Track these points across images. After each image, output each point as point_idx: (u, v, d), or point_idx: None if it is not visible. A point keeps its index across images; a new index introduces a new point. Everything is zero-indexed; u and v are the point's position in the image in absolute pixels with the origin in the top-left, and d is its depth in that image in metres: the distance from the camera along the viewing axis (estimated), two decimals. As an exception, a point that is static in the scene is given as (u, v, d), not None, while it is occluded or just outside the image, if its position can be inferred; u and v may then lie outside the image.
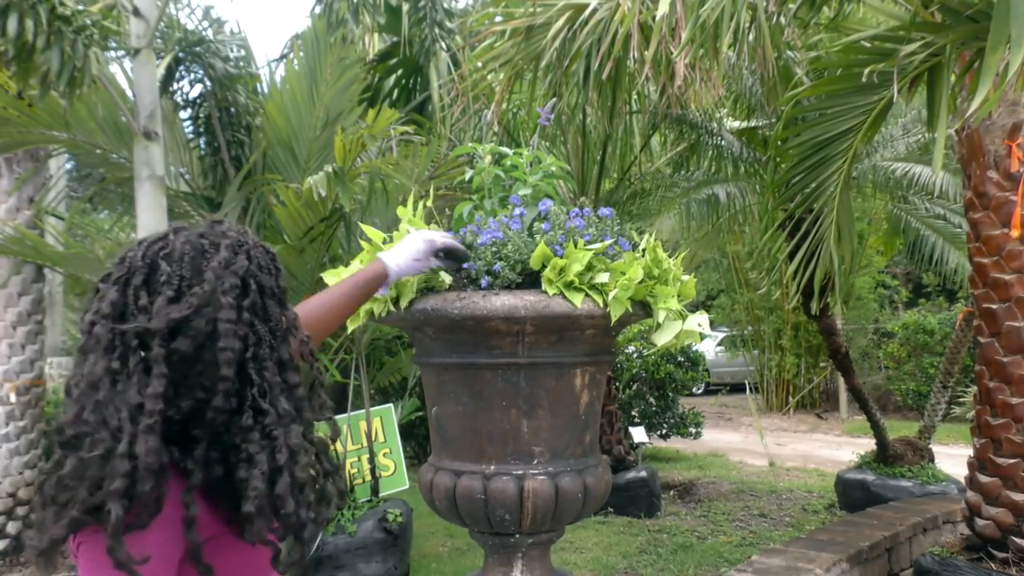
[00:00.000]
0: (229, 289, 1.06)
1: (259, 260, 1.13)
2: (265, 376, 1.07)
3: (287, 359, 1.11)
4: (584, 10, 3.86)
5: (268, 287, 1.12)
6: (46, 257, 5.01)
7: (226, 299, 1.05)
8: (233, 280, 1.07)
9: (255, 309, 1.09)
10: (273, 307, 1.12)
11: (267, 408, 1.05)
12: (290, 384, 1.10)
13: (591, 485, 2.10)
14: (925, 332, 10.99)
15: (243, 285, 1.09)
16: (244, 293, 1.08)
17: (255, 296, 1.09)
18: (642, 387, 8.67)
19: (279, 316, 1.12)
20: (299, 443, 1.06)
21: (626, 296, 1.94)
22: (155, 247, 1.10)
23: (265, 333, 1.09)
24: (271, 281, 1.13)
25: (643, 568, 4.89)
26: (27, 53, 3.52)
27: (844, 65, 3.61)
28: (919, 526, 4.60)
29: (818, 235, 4.07)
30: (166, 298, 1.04)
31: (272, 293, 1.12)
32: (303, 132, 5.11)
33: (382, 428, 5.03)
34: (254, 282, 1.10)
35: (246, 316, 1.07)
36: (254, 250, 1.14)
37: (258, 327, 1.08)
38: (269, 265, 1.15)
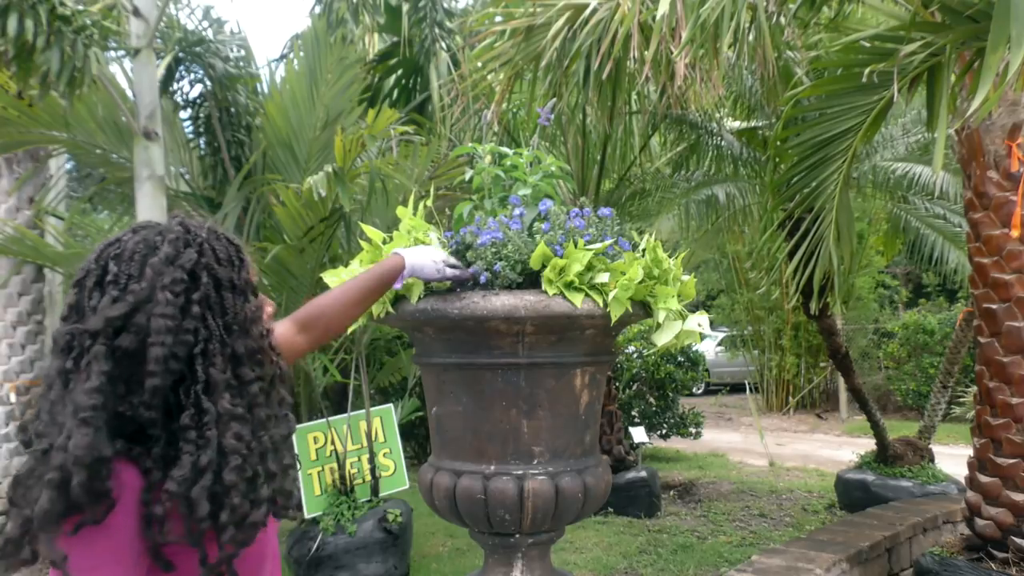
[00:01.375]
0: (169, 284, 1.05)
1: (216, 253, 1.12)
2: (211, 372, 1.05)
3: (243, 353, 1.09)
4: (584, 10, 3.86)
5: (225, 279, 1.11)
6: (46, 257, 5.01)
7: (164, 295, 1.04)
8: (177, 274, 1.06)
9: (207, 303, 1.08)
10: (231, 300, 1.10)
11: (207, 407, 1.04)
12: (242, 380, 1.08)
13: (591, 485, 2.10)
14: (925, 332, 10.99)
15: (191, 279, 1.08)
16: (193, 287, 1.07)
17: (207, 290, 1.08)
18: (642, 387, 8.67)
19: (237, 309, 1.10)
20: (235, 444, 1.03)
21: (626, 296, 1.94)
22: (109, 248, 1.11)
23: (216, 327, 1.07)
24: (228, 273, 1.11)
25: (643, 568, 4.89)
26: (27, 53, 3.52)
27: (844, 65, 3.61)
28: (919, 526, 4.60)
29: (818, 235, 4.07)
30: (110, 297, 1.04)
31: (231, 286, 1.11)
32: (303, 132, 5.11)
33: (382, 428, 5.03)
34: (207, 275, 1.09)
35: (196, 310, 1.06)
36: (210, 243, 1.13)
37: (209, 321, 1.07)
38: (230, 257, 1.13)
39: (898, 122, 6.67)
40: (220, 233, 1.17)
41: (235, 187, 5.10)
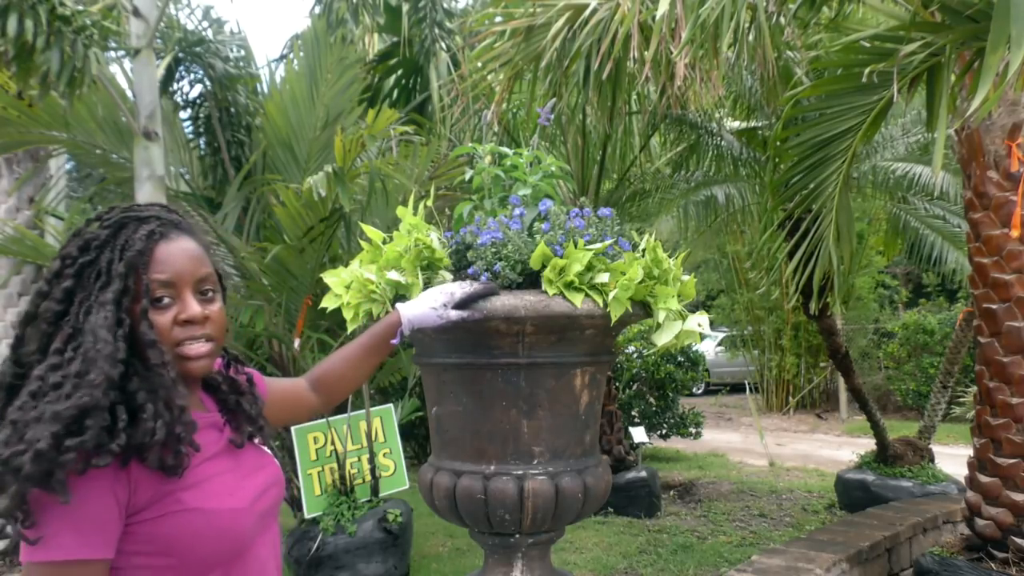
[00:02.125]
0: (63, 255, 1.16)
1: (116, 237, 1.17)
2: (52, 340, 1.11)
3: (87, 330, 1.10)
4: (584, 10, 3.87)
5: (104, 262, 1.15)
6: (46, 257, 5.01)
7: (55, 263, 1.16)
8: (70, 247, 1.16)
9: (79, 278, 1.14)
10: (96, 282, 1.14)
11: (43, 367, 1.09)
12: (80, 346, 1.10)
13: (591, 485, 2.10)
14: (925, 332, 11.00)
15: (80, 252, 1.15)
16: (75, 260, 1.15)
17: (81, 266, 1.15)
18: (642, 387, 8.67)
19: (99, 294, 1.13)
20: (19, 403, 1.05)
21: (626, 296, 1.94)
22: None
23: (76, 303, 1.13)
24: (109, 257, 1.15)
25: (643, 568, 4.89)
26: (27, 53, 3.52)
27: (844, 65, 3.61)
28: (919, 526, 4.60)
29: (817, 235, 4.07)
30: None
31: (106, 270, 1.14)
32: (303, 132, 5.11)
33: (382, 428, 5.03)
34: (94, 254, 1.16)
35: (67, 283, 1.13)
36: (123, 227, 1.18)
37: (77, 296, 1.13)
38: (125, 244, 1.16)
39: (898, 122, 6.68)
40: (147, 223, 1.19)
41: (235, 187, 5.10)
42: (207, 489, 1.15)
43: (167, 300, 1.18)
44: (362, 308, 2.03)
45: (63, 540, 1.02)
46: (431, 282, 2.02)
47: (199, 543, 1.12)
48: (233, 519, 1.16)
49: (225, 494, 1.17)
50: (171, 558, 1.10)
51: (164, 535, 1.09)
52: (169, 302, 1.18)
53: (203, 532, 1.12)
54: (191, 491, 1.12)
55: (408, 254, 1.99)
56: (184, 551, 1.11)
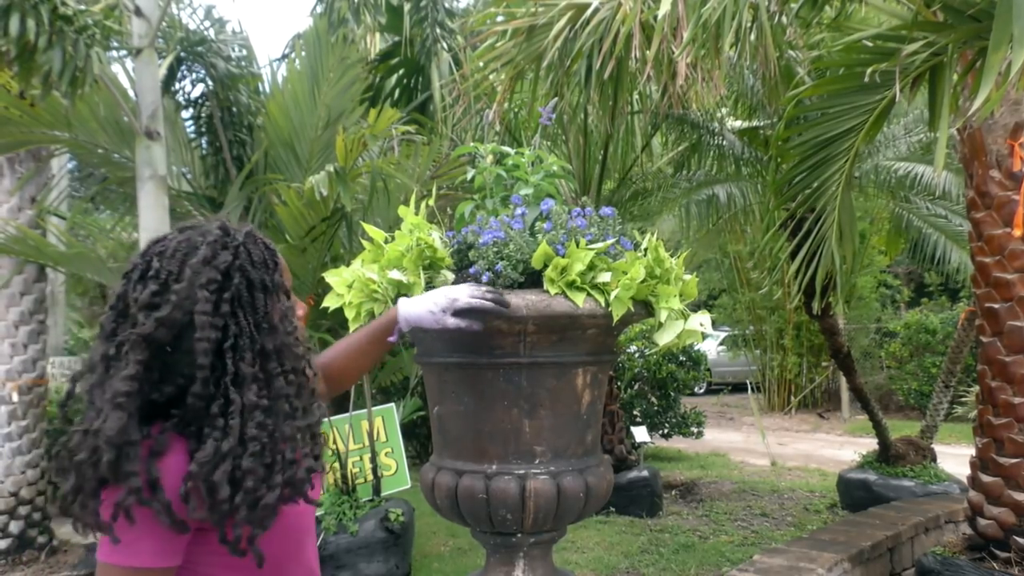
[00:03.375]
0: (207, 283, 1.13)
1: (251, 255, 1.19)
2: (240, 366, 1.12)
3: (271, 349, 1.15)
4: (586, 10, 3.86)
5: (256, 280, 1.17)
6: (48, 257, 5.02)
7: (202, 292, 1.12)
8: (212, 275, 1.14)
9: (238, 302, 1.15)
10: (261, 299, 1.17)
11: (234, 398, 1.10)
12: (269, 374, 1.14)
13: (593, 485, 2.10)
14: (927, 331, 10.99)
15: (224, 278, 1.14)
16: (224, 286, 1.14)
17: (238, 289, 1.15)
18: (644, 387, 8.67)
19: (266, 308, 1.17)
20: (256, 433, 1.10)
21: (628, 296, 1.94)
22: (155, 245, 1.19)
23: (247, 325, 1.14)
24: (259, 274, 1.18)
25: (645, 568, 4.89)
26: (29, 53, 3.53)
27: (846, 64, 3.61)
28: (921, 526, 4.60)
29: (820, 235, 4.07)
30: (149, 292, 1.12)
31: (262, 286, 1.18)
32: (305, 132, 5.11)
33: (384, 427, 5.03)
34: (239, 275, 1.16)
35: (225, 308, 1.13)
36: (246, 246, 1.20)
37: (240, 318, 1.14)
38: (265, 260, 1.21)
39: (900, 122, 6.67)
40: (257, 237, 1.24)
41: (237, 187, 5.10)
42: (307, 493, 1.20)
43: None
44: (364, 307, 2.03)
45: (144, 546, 1.08)
46: (433, 282, 2.02)
47: (267, 543, 1.15)
48: (296, 518, 1.22)
49: None
50: (238, 559, 1.14)
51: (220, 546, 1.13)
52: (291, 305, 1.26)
53: (271, 532, 1.16)
54: None
55: (410, 253, 1.99)
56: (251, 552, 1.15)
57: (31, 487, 5.03)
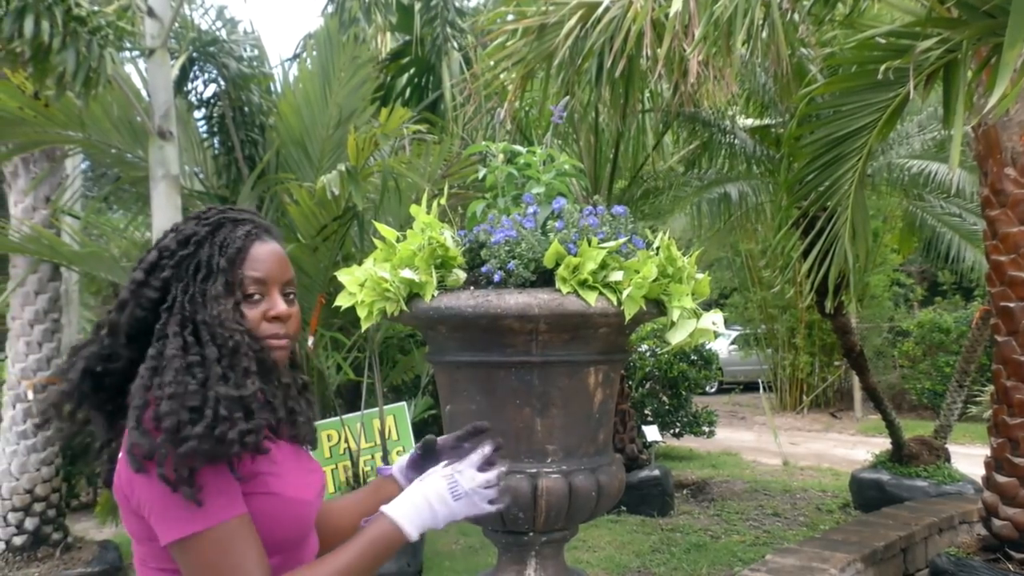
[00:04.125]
0: (160, 247, 1.25)
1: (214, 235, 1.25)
2: (167, 327, 1.18)
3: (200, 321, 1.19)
4: (596, 8, 3.86)
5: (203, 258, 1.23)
6: (62, 256, 5.05)
7: (151, 255, 1.24)
8: (168, 241, 1.25)
9: (181, 270, 1.23)
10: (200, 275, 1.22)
11: (150, 350, 1.17)
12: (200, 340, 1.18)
13: (605, 483, 2.10)
14: (941, 330, 10.92)
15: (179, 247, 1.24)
16: (173, 252, 1.23)
17: (183, 258, 1.23)
18: (655, 385, 8.65)
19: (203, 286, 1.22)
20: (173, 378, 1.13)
21: (640, 294, 1.94)
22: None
23: (179, 293, 1.21)
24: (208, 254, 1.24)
25: (656, 567, 4.88)
26: (43, 54, 3.55)
27: (859, 62, 3.59)
28: (935, 526, 4.57)
29: (832, 233, 4.05)
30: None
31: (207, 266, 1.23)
32: (316, 131, 5.13)
33: (395, 426, 5.04)
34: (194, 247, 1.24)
35: (165, 274, 1.22)
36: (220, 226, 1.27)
37: (177, 286, 1.21)
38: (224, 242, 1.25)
39: (913, 119, 6.63)
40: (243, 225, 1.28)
41: (249, 186, 5.12)
42: (286, 478, 1.22)
43: (257, 296, 1.26)
44: (376, 306, 2.04)
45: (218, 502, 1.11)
46: (444, 280, 2.02)
47: (275, 526, 1.18)
48: (304, 508, 1.24)
49: (298, 485, 1.24)
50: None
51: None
52: (259, 299, 1.26)
53: (280, 517, 1.19)
54: (274, 477, 1.19)
55: (422, 252, 1.99)
56: (261, 532, 1.16)
57: (46, 484, 5.07)
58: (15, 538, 4.92)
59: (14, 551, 4.91)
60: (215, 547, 1.10)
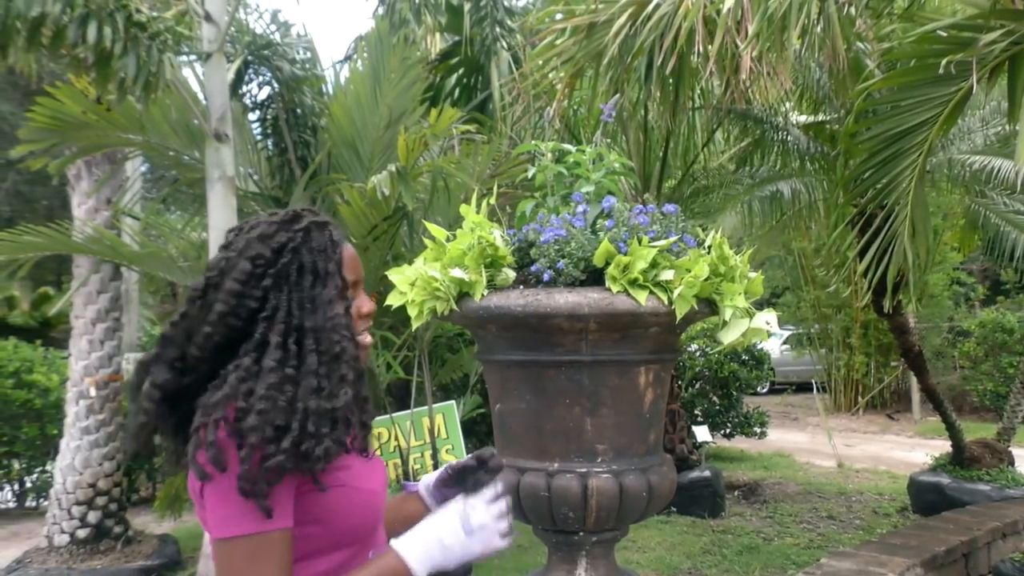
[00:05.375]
0: (252, 256, 1.21)
1: (309, 240, 1.25)
2: (269, 336, 1.17)
3: (308, 327, 1.20)
4: (647, 5, 3.83)
5: (307, 263, 1.23)
6: (123, 256, 5.19)
7: (244, 264, 1.20)
8: (261, 249, 1.21)
9: (284, 278, 1.21)
10: (308, 281, 1.22)
11: (246, 362, 1.16)
12: (303, 349, 1.19)
13: (656, 484, 2.08)
14: (1004, 331, 10.57)
15: (273, 254, 1.22)
16: (271, 262, 1.21)
17: (285, 267, 1.21)
18: (705, 385, 8.56)
19: (312, 291, 1.22)
20: (266, 393, 1.13)
21: (692, 293, 1.92)
22: (240, 223, 1.31)
23: (286, 300, 1.20)
24: (312, 259, 1.24)
25: (707, 569, 4.83)
26: (105, 59, 3.66)
27: (919, 56, 3.50)
28: (998, 531, 4.44)
29: (891, 231, 3.95)
30: (215, 258, 1.25)
31: (312, 270, 1.23)
32: (367, 132, 5.18)
33: (444, 424, 5.08)
34: (291, 256, 1.22)
35: (267, 282, 1.20)
36: (310, 231, 1.26)
37: (283, 293, 1.20)
38: (324, 248, 1.26)
39: (976, 114, 6.43)
40: (327, 227, 1.29)
41: (301, 187, 5.20)
42: (354, 471, 1.25)
43: (352, 298, 1.30)
44: (426, 305, 2.05)
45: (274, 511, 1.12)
46: (494, 280, 2.03)
47: (347, 517, 1.22)
48: (373, 498, 1.28)
49: (366, 477, 1.28)
50: (321, 527, 1.19)
51: (320, 506, 1.19)
52: (352, 300, 1.30)
53: (352, 507, 1.23)
54: (343, 471, 1.22)
55: (472, 252, 2.00)
56: (334, 521, 1.20)
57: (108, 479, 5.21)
58: (79, 531, 5.07)
59: (78, 544, 5.06)
60: (249, 553, 1.11)
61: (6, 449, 6.51)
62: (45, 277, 15.47)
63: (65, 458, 5.18)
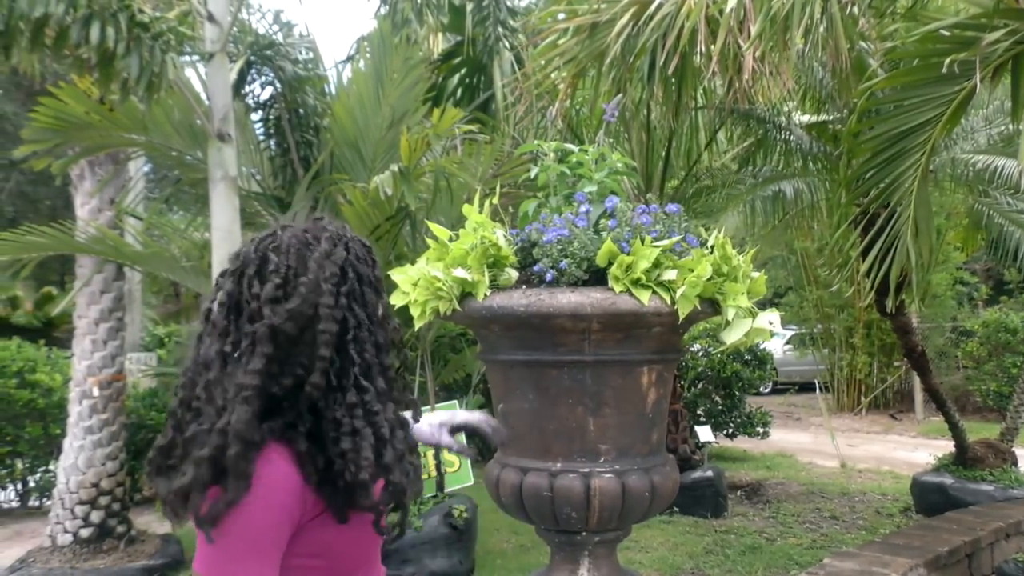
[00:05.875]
0: (329, 277, 1.16)
1: (356, 251, 1.22)
2: (365, 357, 1.15)
3: (383, 342, 1.19)
4: (649, 5, 3.83)
5: (365, 275, 1.21)
6: (126, 256, 5.19)
7: (326, 286, 1.15)
8: (333, 269, 1.16)
9: (353, 295, 1.18)
10: (370, 294, 1.20)
11: (367, 386, 1.14)
12: (385, 365, 1.18)
13: (658, 484, 2.08)
14: (1007, 331, 10.55)
15: (342, 273, 1.17)
16: (342, 280, 1.17)
17: (352, 283, 1.18)
18: (708, 385, 8.54)
19: (375, 302, 1.21)
20: (395, 418, 1.15)
21: (694, 293, 1.92)
22: (265, 242, 1.20)
23: (363, 317, 1.17)
24: (367, 270, 1.22)
25: (710, 569, 4.82)
26: (108, 59, 3.66)
27: (922, 55, 3.49)
28: (1002, 531, 4.43)
29: (894, 231, 3.95)
30: (273, 285, 1.14)
31: (368, 281, 1.21)
32: (369, 132, 5.18)
33: (447, 424, 5.07)
34: (352, 271, 1.19)
35: (343, 301, 1.16)
36: (352, 243, 1.23)
37: (356, 311, 1.17)
38: (366, 256, 1.24)
39: (979, 113, 6.41)
40: (355, 235, 1.27)
41: (304, 187, 5.20)
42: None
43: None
44: (429, 305, 2.05)
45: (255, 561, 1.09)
46: (497, 279, 2.03)
47: (357, 545, 1.21)
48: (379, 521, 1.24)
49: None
50: (324, 560, 1.17)
51: (323, 540, 1.15)
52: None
53: (361, 536, 1.20)
54: None
55: (475, 252, 2.00)
56: (338, 554, 1.18)
57: (111, 478, 5.21)
58: (82, 531, 5.08)
59: (81, 543, 5.06)
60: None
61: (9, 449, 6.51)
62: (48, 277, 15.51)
63: (68, 458, 5.19)
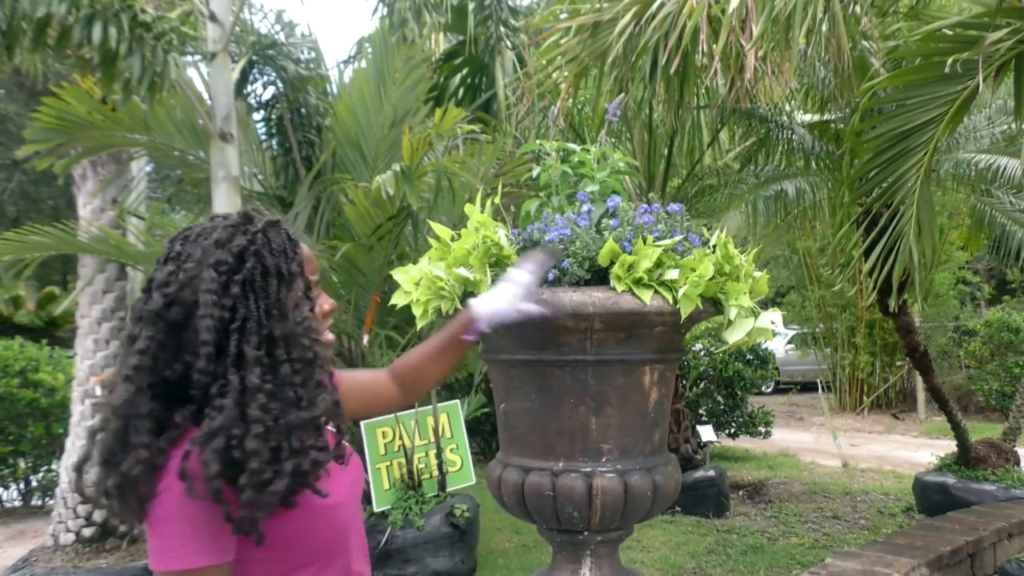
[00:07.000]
0: (216, 264, 1.14)
1: (269, 242, 1.20)
2: (244, 348, 1.12)
3: (279, 335, 1.15)
4: (651, 5, 3.83)
5: (272, 266, 1.18)
6: (129, 256, 5.20)
7: (209, 272, 1.13)
8: (223, 256, 1.15)
9: (250, 285, 1.15)
10: (274, 285, 1.17)
11: (232, 379, 1.10)
12: (275, 360, 1.14)
13: (660, 483, 2.08)
14: (1010, 330, 10.54)
15: (236, 260, 1.15)
16: (235, 268, 1.15)
17: (251, 273, 1.15)
18: (710, 385, 8.54)
19: (279, 295, 1.17)
20: (259, 415, 1.09)
21: (696, 292, 1.92)
22: (184, 231, 1.22)
23: (255, 309, 1.14)
24: (276, 262, 1.19)
25: (712, 568, 4.82)
26: (110, 59, 3.67)
27: (924, 54, 3.49)
28: (1004, 531, 4.43)
29: (897, 230, 3.94)
30: (166, 271, 1.16)
31: (277, 272, 1.18)
32: (371, 132, 5.19)
33: (448, 424, 5.07)
34: (254, 260, 1.16)
35: (235, 290, 1.14)
36: (266, 232, 1.20)
37: (250, 302, 1.14)
38: (284, 248, 1.21)
39: (982, 112, 6.41)
40: (281, 226, 1.24)
41: (306, 186, 5.21)
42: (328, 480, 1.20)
43: (313, 297, 1.27)
44: (431, 305, 2.05)
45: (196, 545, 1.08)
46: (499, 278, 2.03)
47: (311, 537, 1.18)
48: (337, 512, 1.23)
49: (334, 485, 1.21)
50: (285, 552, 1.16)
51: (281, 532, 1.14)
52: (314, 298, 1.27)
53: (314, 526, 1.18)
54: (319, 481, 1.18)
55: (476, 251, 2.00)
56: (298, 545, 1.17)
57: (113, 477, 5.22)
58: (84, 530, 5.08)
59: (83, 542, 5.07)
60: None
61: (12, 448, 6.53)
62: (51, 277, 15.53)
63: (71, 457, 5.19)
